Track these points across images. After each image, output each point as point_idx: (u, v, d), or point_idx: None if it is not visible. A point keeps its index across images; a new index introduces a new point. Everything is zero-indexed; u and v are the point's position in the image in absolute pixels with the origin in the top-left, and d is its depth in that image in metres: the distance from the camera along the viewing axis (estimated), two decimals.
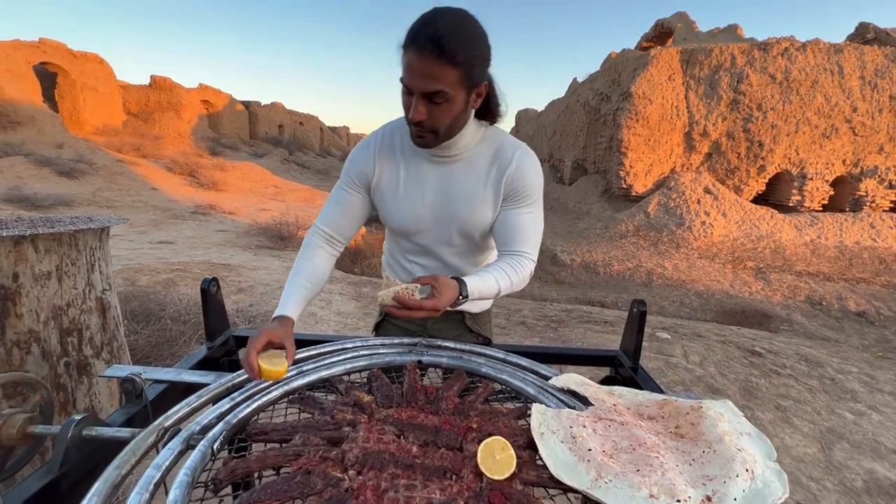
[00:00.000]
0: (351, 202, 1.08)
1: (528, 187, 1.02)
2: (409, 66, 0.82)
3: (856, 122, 11.63)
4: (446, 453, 0.72)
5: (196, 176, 13.36)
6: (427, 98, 0.84)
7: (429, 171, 1.03)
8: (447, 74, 0.82)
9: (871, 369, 3.22)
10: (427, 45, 0.78)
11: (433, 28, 0.79)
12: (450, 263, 1.14)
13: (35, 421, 0.73)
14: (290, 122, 35.73)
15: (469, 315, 1.28)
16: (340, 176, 1.11)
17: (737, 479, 0.67)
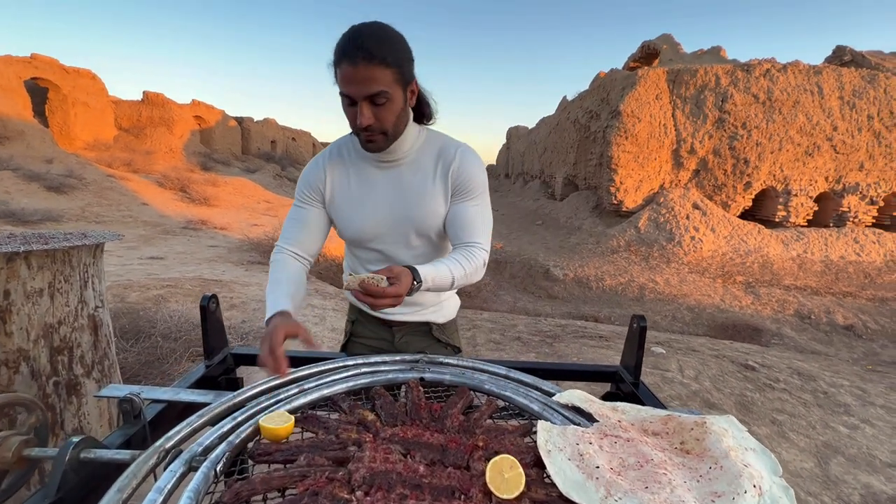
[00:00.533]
0: (308, 217, 1.12)
1: (473, 180, 1.08)
2: (347, 76, 0.88)
3: (836, 140, 12.00)
4: (454, 472, 0.71)
5: (187, 191, 13.28)
6: (370, 101, 0.91)
7: (378, 177, 1.08)
8: (383, 75, 0.88)
9: (863, 382, 3.26)
10: (359, 53, 0.85)
11: (360, 38, 0.87)
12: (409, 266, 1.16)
13: (31, 443, 0.71)
14: (282, 137, 35.90)
15: (436, 325, 1.29)
16: (295, 196, 1.16)
17: (745, 495, 0.67)
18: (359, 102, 0.90)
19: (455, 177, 1.06)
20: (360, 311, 1.28)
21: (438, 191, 1.07)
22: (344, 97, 0.92)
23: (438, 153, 1.08)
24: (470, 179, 1.07)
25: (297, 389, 0.95)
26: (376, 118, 0.92)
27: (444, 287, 1.00)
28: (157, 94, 23.87)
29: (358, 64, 0.86)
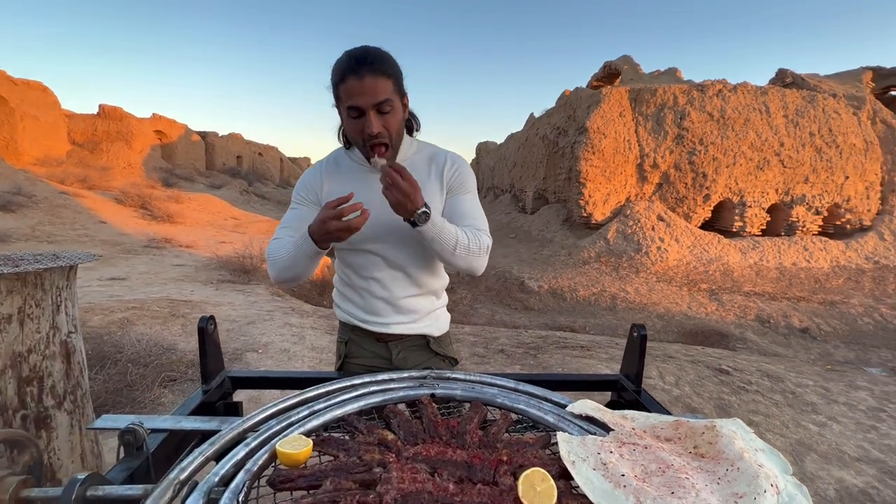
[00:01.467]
0: (305, 217, 1.14)
1: (466, 177, 1.17)
2: (354, 89, 0.94)
3: (784, 155, 12.91)
4: (483, 489, 0.71)
5: (149, 208, 12.72)
6: (377, 110, 0.97)
7: (374, 182, 1.10)
8: (386, 85, 0.96)
9: (825, 381, 3.45)
10: (363, 68, 0.93)
11: (361, 56, 0.95)
12: (407, 271, 1.18)
13: (28, 483, 0.65)
14: (248, 152, 35.12)
15: (432, 339, 1.29)
16: (291, 201, 1.20)
17: (765, 494, 0.69)
18: (367, 112, 0.96)
19: (449, 175, 1.14)
20: (353, 329, 1.26)
21: (434, 189, 1.13)
22: (351, 110, 0.97)
23: (430, 158, 1.16)
24: (463, 176, 1.15)
25: (308, 412, 0.92)
26: (385, 126, 0.99)
27: (447, 241, 1.03)
28: (114, 107, 22.94)
29: (364, 76, 0.92)
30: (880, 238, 13.46)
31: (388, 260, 1.15)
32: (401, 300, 1.18)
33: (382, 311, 1.18)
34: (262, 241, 10.08)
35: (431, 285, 1.22)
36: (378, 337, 1.22)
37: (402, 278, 1.17)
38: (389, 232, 1.13)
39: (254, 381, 1.18)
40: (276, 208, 25.07)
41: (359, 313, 1.21)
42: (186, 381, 3.01)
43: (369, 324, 1.20)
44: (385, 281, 1.16)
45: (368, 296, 1.18)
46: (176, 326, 3.89)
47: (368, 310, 1.20)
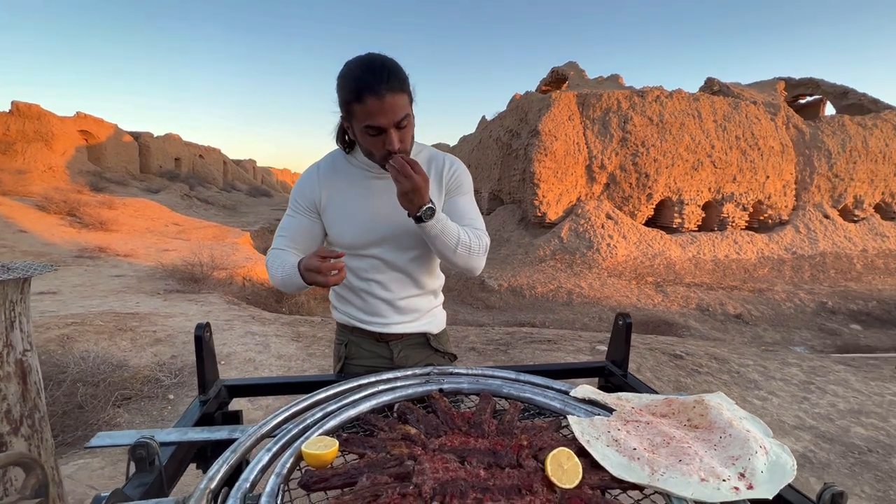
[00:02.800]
0: (301, 226, 1.15)
1: (464, 180, 1.19)
2: (374, 109, 0.92)
3: (715, 157, 14.07)
4: (511, 472, 0.74)
5: (77, 215, 11.62)
6: (397, 127, 0.96)
7: (375, 186, 1.12)
8: (404, 100, 0.95)
9: (762, 361, 3.82)
10: (382, 85, 0.91)
11: (378, 72, 0.92)
12: (408, 272, 1.19)
13: None
14: (188, 154, 33.02)
15: (432, 336, 1.32)
16: (287, 207, 1.18)
17: (756, 455, 0.78)
18: (388, 131, 0.94)
19: (448, 178, 1.16)
20: (352, 330, 1.25)
21: (434, 190, 1.14)
22: (369, 129, 0.95)
23: (430, 159, 1.16)
24: (461, 178, 1.17)
25: (322, 413, 0.91)
26: (402, 141, 0.98)
27: (449, 238, 1.04)
28: (30, 104, 20.75)
29: (384, 96, 0.90)
30: (796, 231, 15.03)
31: (389, 262, 1.16)
32: (401, 301, 1.19)
33: (383, 311, 1.19)
34: (211, 248, 9.54)
35: (430, 285, 1.23)
36: (378, 337, 1.22)
37: (403, 279, 1.17)
38: (391, 236, 1.13)
39: (251, 389, 1.14)
40: (222, 213, 23.81)
41: (359, 315, 1.21)
42: (143, 398, 2.81)
43: (370, 324, 1.20)
44: (385, 283, 1.17)
45: (369, 297, 1.18)
46: (124, 341, 3.61)
47: (369, 311, 1.19)
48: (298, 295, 7.51)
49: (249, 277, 8.43)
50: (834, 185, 16.28)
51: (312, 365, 3.45)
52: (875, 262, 14.38)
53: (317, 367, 3.40)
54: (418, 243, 1.16)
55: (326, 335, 4.11)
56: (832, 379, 3.50)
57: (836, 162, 15.92)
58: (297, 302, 7.41)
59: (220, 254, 9.06)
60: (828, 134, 16.11)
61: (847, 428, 2.76)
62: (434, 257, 1.22)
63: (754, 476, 0.74)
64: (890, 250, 15.28)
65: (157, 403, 2.76)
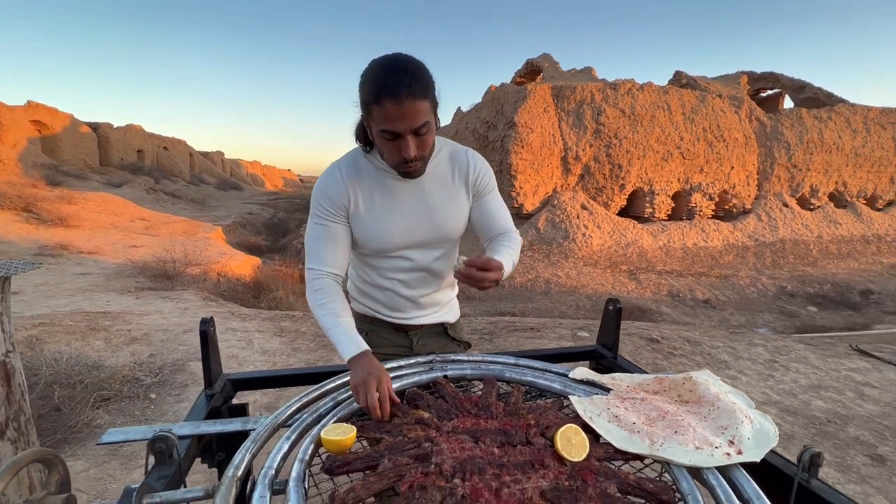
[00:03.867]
0: (336, 234, 1.09)
1: (489, 178, 1.18)
2: (392, 114, 0.88)
3: (683, 148, 14.54)
4: (523, 449, 0.79)
5: (34, 210, 10.98)
6: (415, 133, 0.93)
7: (401, 189, 1.09)
8: (424, 107, 0.91)
9: (731, 342, 4.04)
10: (403, 90, 0.87)
11: (401, 76, 0.87)
12: (433, 269, 1.19)
13: (72, 501, 0.61)
14: (151, 146, 31.54)
15: (449, 326, 1.35)
16: (313, 213, 1.11)
17: (743, 424, 0.85)
18: (405, 136, 0.91)
19: (475, 180, 1.15)
20: (371, 320, 1.26)
21: (461, 195, 1.14)
22: (386, 133, 0.92)
23: (450, 159, 1.13)
24: (486, 178, 1.16)
25: (333, 403, 0.93)
26: (420, 148, 0.95)
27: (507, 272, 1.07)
28: None
29: (403, 101, 0.86)
30: (759, 219, 15.78)
31: (414, 263, 1.16)
32: (422, 297, 1.20)
33: (405, 307, 1.20)
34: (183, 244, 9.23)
35: (450, 279, 1.25)
36: (398, 327, 1.25)
37: (426, 278, 1.18)
38: (418, 241, 1.13)
39: (255, 382, 1.15)
40: (191, 207, 22.98)
41: (380, 309, 1.22)
42: (123, 399, 2.73)
43: (391, 318, 1.22)
44: (409, 282, 1.17)
45: (392, 294, 1.19)
46: (98, 341, 3.48)
47: (391, 307, 1.21)
48: (277, 290, 7.38)
49: (224, 273, 8.21)
50: (792, 175, 17.14)
51: (298, 359, 3.43)
52: (829, 248, 15.28)
53: (303, 361, 3.38)
54: (443, 245, 1.17)
55: (310, 329, 4.07)
56: (794, 357, 3.74)
57: (795, 153, 16.74)
58: (275, 297, 7.28)
59: (192, 249, 8.78)
60: (787, 126, 16.90)
61: (808, 402, 2.97)
62: (455, 253, 1.23)
63: (742, 443, 0.81)
64: (842, 236, 16.26)
65: (139, 403, 2.69)
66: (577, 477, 0.72)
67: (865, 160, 17.89)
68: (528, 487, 0.67)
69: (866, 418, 2.77)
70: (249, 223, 20.71)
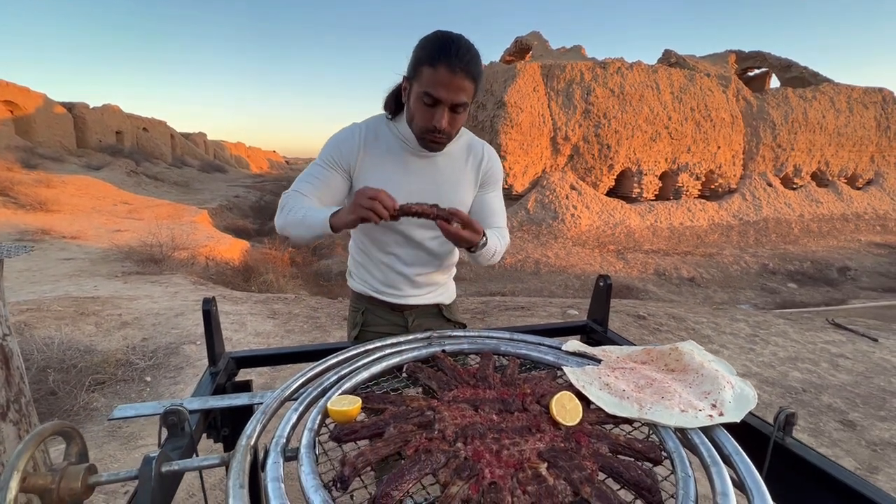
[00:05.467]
0: (329, 180, 1.11)
1: (498, 174, 1.25)
2: (443, 80, 0.92)
3: (671, 128, 14.59)
4: (520, 415, 0.83)
5: (11, 195, 10.66)
6: (452, 109, 0.97)
7: (414, 164, 1.13)
8: (470, 89, 0.96)
9: (714, 318, 4.17)
10: (460, 64, 0.92)
11: (461, 49, 0.92)
12: (429, 248, 1.22)
13: (93, 470, 0.64)
14: (130, 127, 30.57)
15: (444, 307, 1.39)
16: (318, 157, 1.14)
17: (725, 389, 0.91)
18: (443, 106, 0.95)
19: (485, 172, 1.20)
20: (368, 299, 1.29)
21: (469, 181, 1.18)
22: (427, 96, 0.94)
23: (467, 148, 1.18)
24: (496, 173, 1.22)
25: (336, 377, 0.96)
26: (451, 124, 0.99)
27: (488, 255, 1.12)
28: None
29: (457, 73, 0.91)
30: (743, 199, 16.05)
31: (412, 240, 1.17)
32: (419, 276, 1.23)
33: (400, 284, 1.23)
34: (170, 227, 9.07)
35: (447, 261, 1.27)
36: (393, 307, 1.27)
37: (423, 256, 1.21)
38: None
39: (257, 360, 1.18)
40: (175, 190, 22.50)
41: (377, 285, 1.24)
42: (118, 382, 2.75)
43: (386, 295, 1.24)
44: (406, 258, 1.20)
45: (388, 270, 1.21)
46: (88, 326, 3.46)
47: (386, 283, 1.23)
48: (267, 273, 7.35)
49: (213, 257, 8.13)
50: (777, 154, 17.37)
51: (292, 340, 3.46)
52: (810, 226, 15.67)
53: (296, 342, 3.41)
54: None
55: (303, 312, 4.10)
56: (773, 332, 3.89)
57: (780, 133, 16.94)
58: (265, 280, 7.26)
59: (178, 233, 8.65)
60: (773, 106, 17.04)
61: (786, 373, 3.11)
62: None
63: (724, 406, 0.86)
64: (823, 215, 16.65)
65: (135, 386, 2.70)
66: (571, 439, 0.76)
67: (847, 140, 18.20)
68: (527, 449, 0.72)
69: (839, 387, 2.92)
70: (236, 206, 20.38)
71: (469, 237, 1.00)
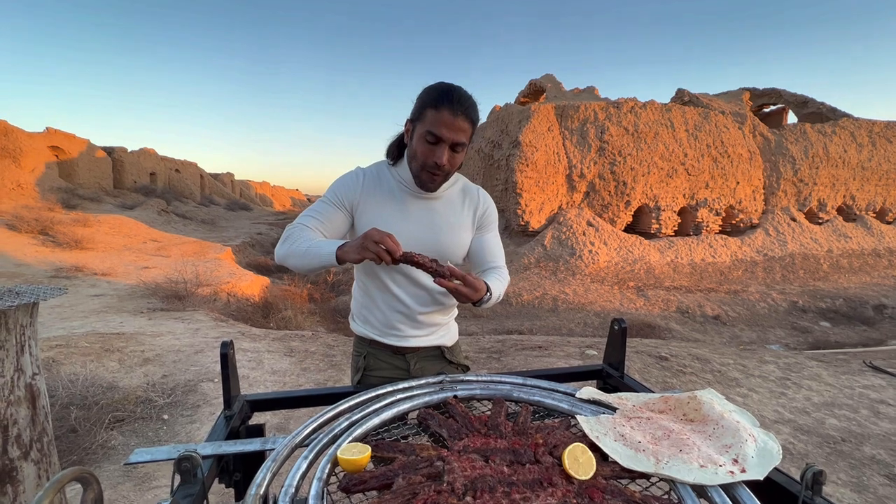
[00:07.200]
0: (332, 216, 1.17)
1: (493, 216, 1.32)
2: (445, 121, 1.04)
3: (688, 164, 14.60)
4: (532, 468, 0.81)
5: (51, 233, 11.25)
6: (451, 147, 1.08)
7: (413, 206, 1.20)
8: (468, 131, 1.08)
9: (741, 360, 4.00)
10: (460, 108, 1.04)
11: (462, 95, 1.06)
12: (430, 290, 1.24)
13: None
14: (163, 169, 32.29)
15: (446, 348, 1.39)
16: (323, 196, 1.22)
17: (746, 442, 0.88)
18: (444, 145, 1.06)
19: (482, 215, 1.27)
20: (370, 343, 1.31)
21: (466, 223, 1.24)
22: (429, 135, 1.05)
23: (463, 192, 1.26)
24: (492, 215, 1.30)
25: (347, 423, 0.96)
26: (450, 162, 1.09)
27: (489, 303, 1.16)
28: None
29: (458, 115, 1.03)
30: (766, 234, 15.67)
31: (413, 280, 1.21)
32: (420, 315, 1.25)
33: (401, 325, 1.25)
34: (193, 264, 9.37)
35: (448, 301, 1.29)
36: (395, 350, 1.28)
37: (424, 296, 1.23)
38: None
39: (271, 403, 1.19)
40: (201, 228, 23.35)
41: (379, 326, 1.26)
42: (136, 420, 2.77)
43: (388, 337, 1.26)
44: (406, 298, 1.22)
45: (388, 310, 1.24)
46: (112, 362, 3.54)
47: (388, 324, 1.25)
48: (286, 309, 7.44)
49: (234, 293, 8.30)
50: (799, 189, 17.08)
51: (308, 380, 3.45)
52: (840, 262, 15.10)
53: (312, 381, 3.40)
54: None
55: (319, 349, 4.11)
56: (806, 374, 3.69)
57: (800, 167, 16.72)
58: (284, 317, 7.34)
59: (202, 270, 8.91)
60: (791, 141, 16.93)
61: (822, 420, 2.92)
62: None
63: (746, 461, 0.83)
64: (853, 250, 16.07)
65: (152, 424, 2.72)
66: (584, 495, 0.74)
67: (873, 174, 17.81)
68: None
69: (882, 437, 2.72)
70: (258, 243, 20.95)
71: (468, 293, 1.05)
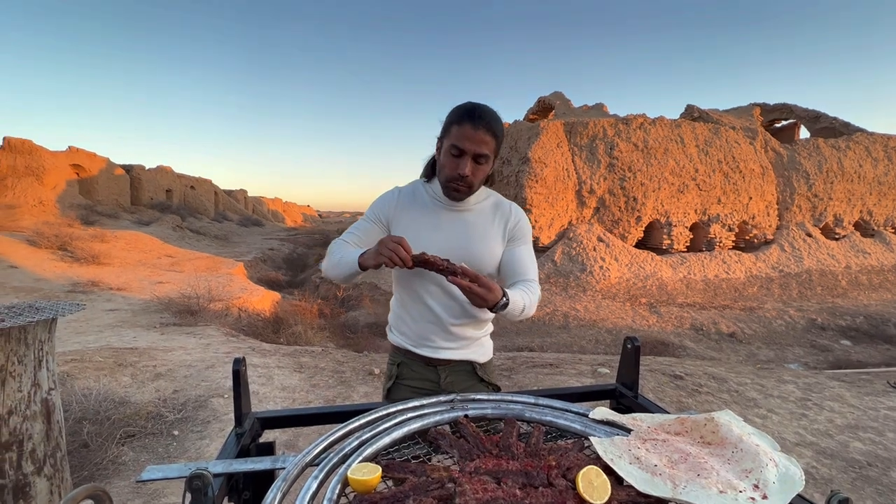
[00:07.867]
0: (372, 230, 1.28)
1: (526, 229, 1.34)
2: (467, 134, 1.11)
3: (699, 180, 14.51)
4: (545, 491, 0.80)
5: (69, 249, 11.53)
6: (474, 159, 1.14)
7: (446, 219, 1.26)
8: (491, 143, 1.14)
9: (759, 379, 3.89)
10: (481, 121, 1.11)
11: (482, 111, 1.12)
12: (461, 299, 1.25)
13: None
14: (179, 185, 33.07)
15: (478, 365, 1.38)
16: (366, 213, 1.33)
17: (767, 467, 0.85)
18: (467, 156, 1.12)
19: (513, 228, 1.29)
20: (405, 353, 1.32)
21: (497, 235, 1.28)
22: (454, 148, 1.13)
23: (495, 207, 1.31)
24: (523, 229, 1.31)
25: (357, 442, 0.96)
26: (473, 173, 1.15)
27: (516, 311, 1.15)
28: (22, 140, 20.84)
29: (479, 128, 1.10)
30: (782, 249, 15.40)
31: (445, 290, 1.24)
32: (451, 326, 1.26)
33: (434, 336, 1.27)
34: (207, 279, 9.50)
35: (481, 315, 1.29)
36: (428, 361, 1.30)
37: (456, 307, 1.25)
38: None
39: (282, 421, 1.18)
40: (214, 244, 23.72)
41: (413, 337, 1.29)
42: (147, 435, 2.78)
43: (420, 348, 1.28)
44: (438, 308, 1.25)
45: (421, 320, 1.27)
46: (125, 377, 3.58)
47: (421, 335, 1.28)
48: (296, 324, 7.47)
49: (245, 308, 8.37)
50: (814, 204, 16.82)
51: (317, 396, 3.44)
52: (859, 278, 14.73)
53: (321, 397, 3.39)
54: None
55: (329, 366, 4.10)
56: (827, 395, 3.57)
57: (815, 182, 16.51)
58: (294, 332, 7.36)
59: (214, 285, 9.02)
60: (804, 156, 16.77)
61: (846, 443, 2.81)
62: None
63: (767, 487, 0.80)
64: (872, 266, 15.69)
65: (162, 440, 2.73)
66: None
67: (890, 188, 17.49)
68: None
69: None
70: (270, 258, 21.18)
71: (481, 293, 1.04)
